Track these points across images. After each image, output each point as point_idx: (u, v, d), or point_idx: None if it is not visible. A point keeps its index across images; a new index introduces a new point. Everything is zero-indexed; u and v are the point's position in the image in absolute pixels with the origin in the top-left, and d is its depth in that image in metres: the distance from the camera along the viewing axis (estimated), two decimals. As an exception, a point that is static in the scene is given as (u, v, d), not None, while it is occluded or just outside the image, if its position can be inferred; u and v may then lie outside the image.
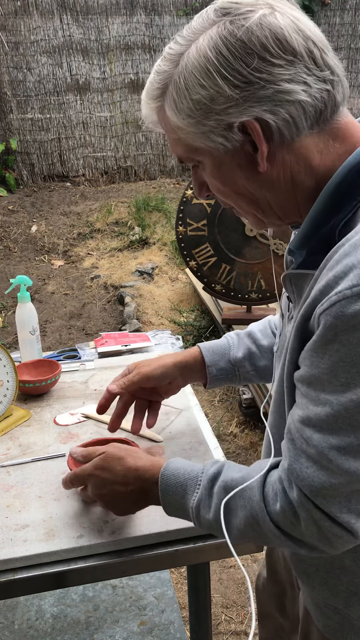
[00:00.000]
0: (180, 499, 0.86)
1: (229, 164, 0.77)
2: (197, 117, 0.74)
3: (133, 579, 1.97)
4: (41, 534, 0.98)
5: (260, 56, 0.69)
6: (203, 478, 0.84)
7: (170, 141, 0.82)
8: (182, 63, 0.75)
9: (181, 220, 3.37)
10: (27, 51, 6.17)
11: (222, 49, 0.70)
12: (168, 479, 0.87)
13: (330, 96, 0.72)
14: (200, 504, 0.83)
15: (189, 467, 0.87)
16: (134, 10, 6.30)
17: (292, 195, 0.77)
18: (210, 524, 0.83)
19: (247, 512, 0.79)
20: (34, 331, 1.52)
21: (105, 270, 4.87)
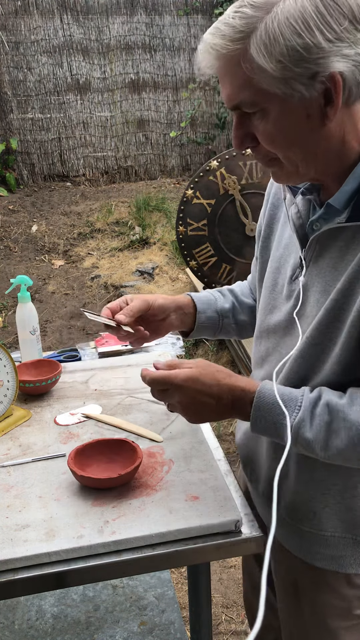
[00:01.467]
0: (276, 417, 0.90)
1: (298, 113, 0.83)
2: (287, 62, 0.79)
3: (133, 579, 1.97)
4: (41, 534, 0.98)
5: (350, 20, 0.78)
6: (304, 400, 0.90)
7: (235, 85, 0.84)
8: (275, 10, 0.79)
9: (181, 220, 3.37)
10: (28, 51, 6.17)
11: (319, 5, 0.78)
12: (265, 396, 0.91)
13: None
14: (301, 423, 0.88)
15: (285, 389, 0.93)
16: (134, 10, 6.29)
17: (338, 154, 0.86)
18: (308, 443, 0.89)
19: (352, 432, 0.86)
20: (34, 331, 1.52)
21: (105, 270, 4.87)
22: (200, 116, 6.75)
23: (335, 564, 1.03)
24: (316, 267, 0.94)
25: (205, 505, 1.03)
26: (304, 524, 1.04)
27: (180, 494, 1.06)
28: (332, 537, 1.02)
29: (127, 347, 1.68)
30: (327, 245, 0.92)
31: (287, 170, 0.90)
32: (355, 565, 1.02)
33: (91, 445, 1.15)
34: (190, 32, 6.45)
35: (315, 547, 1.04)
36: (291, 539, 1.07)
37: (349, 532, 1.01)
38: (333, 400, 0.88)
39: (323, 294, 0.92)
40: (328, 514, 1.01)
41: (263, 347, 1.10)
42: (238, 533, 1.00)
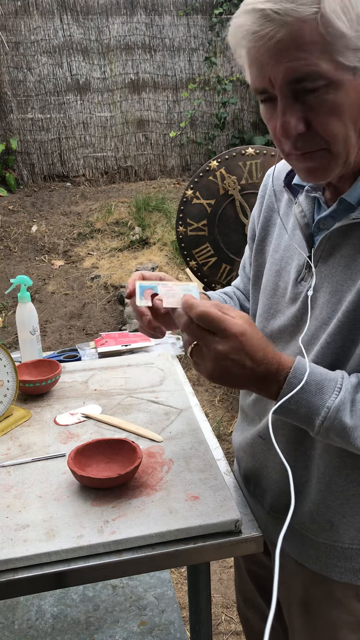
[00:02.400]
0: (313, 397, 0.81)
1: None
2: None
3: (133, 579, 1.97)
4: (41, 534, 0.98)
5: None
6: (344, 382, 0.82)
7: (302, 55, 0.74)
8: None
9: (181, 220, 3.37)
10: (28, 51, 6.17)
11: None
12: (301, 373, 0.82)
13: None
14: (340, 406, 0.80)
15: (323, 369, 0.84)
16: (134, 10, 6.29)
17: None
18: (345, 430, 0.81)
19: None
20: (34, 331, 1.52)
21: (105, 270, 4.87)
22: (200, 116, 6.75)
23: (354, 577, 0.99)
24: (326, 266, 0.90)
25: (205, 505, 1.03)
26: (319, 535, 1.00)
27: (180, 494, 1.06)
28: (349, 548, 0.98)
29: (127, 347, 1.68)
30: (338, 244, 0.88)
31: (335, 160, 0.82)
32: None
33: (91, 445, 1.15)
34: (190, 32, 6.45)
35: (332, 559, 1.00)
36: (304, 551, 1.03)
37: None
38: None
39: (334, 295, 0.88)
40: (346, 525, 0.97)
41: None
42: (238, 533, 1.00)
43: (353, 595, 1.01)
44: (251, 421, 1.13)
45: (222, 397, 3.23)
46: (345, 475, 0.94)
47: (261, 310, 1.07)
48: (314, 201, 0.96)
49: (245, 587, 1.34)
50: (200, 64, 6.58)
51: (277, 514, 1.08)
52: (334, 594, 1.02)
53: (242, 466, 1.18)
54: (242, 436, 1.17)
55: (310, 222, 0.95)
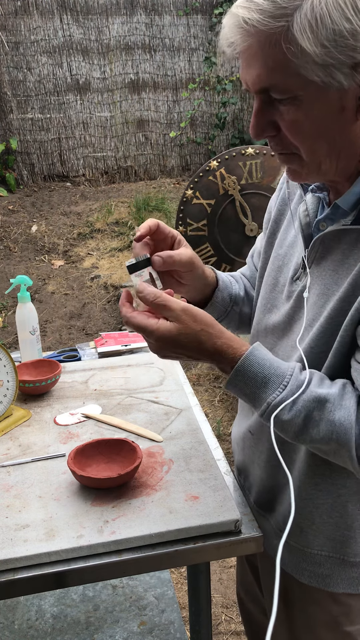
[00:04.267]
0: (257, 389, 0.86)
1: (332, 103, 0.77)
2: (330, 47, 0.72)
3: (133, 579, 1.97)
4: (41, 534, 0.98)
5: None
6: (292, 380, 0.85)
7: (266, 66, 0.76)
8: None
9: (181, 220, 3.37)
10: (27, 51, 6.16)
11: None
12: (251, 365, 0.87)
13: None
14: (280, 404, 0.84)
15: (275, 362, 0.88)
16: (134, 10, 6.29)
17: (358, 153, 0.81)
18: (282, 425, 0.85)
19: (332, 428, 0.82)
20: (34, 331, 1.52)
21: (105, 270, 4.87)
22: (200, 116, 6.75)
23: (322, 583, 1.01)
24: (318, 268, 0.92)
25: (205, 505, 1.03)
26: (291, 538, 1.02)
27: (180, 494, 1.06)
28: (318, 555, 1.00)
29: (127, 347, 1.68)
30: (330, 247, 0.89)
31: (307, 166, 0.84)
32: (342, 585, 1.00)
33: (91, 445, 1.15)
34: (190, 32, 6.45)
35: (302, 563, 1.02)
36: (282, 553, 1.03)
37: (336, 551, 0.99)
38: (322, 391, 0.84)
39: (320, 297, 0.90)
40: (315, 532, 0.99)
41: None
42: (238, 533, 1.00)
43: (330, 598, 1.01)
44: (245, 415, 1.15)
45: (222, 397, 3.22)
46: (315, 484, 0.95)
47: (260, 304, 1.08)
48: (319, 201, 0.96)
49: (246, 579, 1.35)
50: (200, 64, 6.58)
51: (260, 510, 1.10)
52: (311, 594, 1.03)
53: (235, 458, 1.21)
54: (237, 429, 1.19)
55: (312, 221, 0.95)
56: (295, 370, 0.87)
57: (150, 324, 0.88)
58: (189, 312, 0.88)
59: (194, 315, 0.88)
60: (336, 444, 0.83)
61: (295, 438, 0.87)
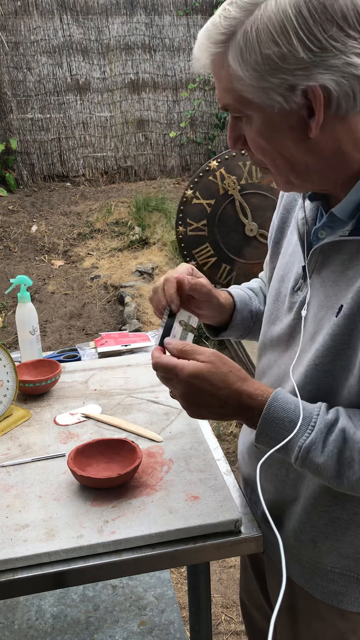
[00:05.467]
0: (287, 434, 0.83)
1: (279, 123, 0.77)
2: (262, 72, 0.73)
3: (133, 579, 1.97)
4: (41, 534, 0.98)
5: (338, 25, 0.69)
6: (319, 421, 0.82)
7: (220, 87, 0.80)
8: (257, 13, 0.73)
9: (181, 220, 3.37)
10: (27, 51, 6.16)
11: (303, 9, 0.70)
12: (276, 410, 0.84)
13: None
14: (312, 446, 0.81)
15: (300, 403, 0.84)
16: (134, 10, 6.29)
17: (334, 164, 0.79)
18: (317, 467, 0.82)
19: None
20: (34, 331, 1.52)
21: (105, 270, 4.87)
22: (200, 116, 6.75)
23: (335, 600, 0.97)
24: (319, 279, 0.88)
25: (205, 505, 1.03)
26: (304, 553, 0.99)
27: (180, 494, 1.06)
28: (332, 571, 0.96)
29: (127, 347, 1.68)
30: (330, 257, 0.86)
31: (278, 180, 0.85)
32: (356, 604, 0.96)
33: (91, 445, 1.15)
34: (190, 32, 6.45)
35: (315, 578, 0.99)
36: (292, 565, 1.01)
37: (351, 569, 0.95)
38: (351, 429, 0.81)
39: (321, 309, 0.87)
40: (328, 548, 0.95)
41: (265, 359, 1.04)
42: (238, 533, 1.00)
43: (337, 614, 0.99)
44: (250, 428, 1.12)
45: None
46: (332, 496, 0.92)
47: (265, 315, 1.05)
48: (318, 208, 0.93)
49: (250, 587, 1.33)
50: (200, 64, 6.57)
51: (267, 524, 1.06)
52: (319, 610, 1.00)
53: (242, 470, 1.18)
54: (243, 441, 1.16)
55: (312, 229, 0.92)
56: (321, 409, 0.84)
57: (179, 362, 0.87)
58: (218, 355, 0.89)
59: (222, 358, 0.88)
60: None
61: (334, 482, 0.83)
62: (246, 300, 1.18)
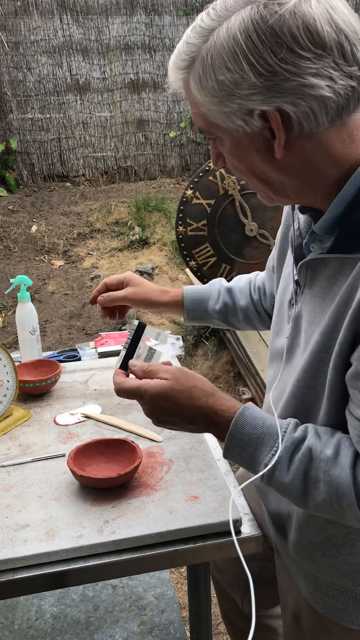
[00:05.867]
0: (253, 451, 0.82)
1: (246, 145, 0.77)
2: (220, 97, 0.74)
3: (133, 579, 1.97)
4: (41, 534, 0.98)
5: (288, 47, 0.68)
6: (286, 439, 0.81)
7: (192, 112, 0.81)
8: (211, 40, 0.73)
9: (181, 220, 3.37)
10: (27, 51, 6.16)
11: (252, 34, 0.69)
12: (242, 427, 0.83)
13: (355, 92, 0.71)
14: (277, 464, 0.81)
15: (267, 420, 0.84)
16: (134, 10, 6.29)
17: (309, 180, 0.78)
18: (283, 486, 0.82)
19: (332, 488, 0.78)
20: (34, 331, 1.52)
21: (105, 270, 4.86)
22: (200, 116, 6.74)
23: (336, 616, 0.96)
24: (309, 293, 0.87)
25: (204, 505, 1.03)
26: (305, 566, 0.98)
27: (180, 494, 1.06)
28: (331, 587, 0.96)
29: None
30: (318, 272, 0.84)
31: (259, 194, 0.85)
32: (356, 621, 0.95)
33: (91, 445, 1.15)
34: (190, 32, 6.45)
35: (317, 592, 0.98)
36: (298, 575, 1.01)
37: (349, 586, 0.94)
38: (317, 447, 0.80)
39: (310, 326, 0.86)
40: (326, 564, 0.95)
41: (272, 371, 1.04)
42: (238, 533, 1.00)
43: (342, 630, 0.97)
44: None
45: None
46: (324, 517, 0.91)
47: (272, 326, 1.05)
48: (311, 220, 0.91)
49: (224, 604, 1.41)
50: (200, 64, 6.57)
51: (276, 530, 1.07)
52: (324, 624, 0.99)
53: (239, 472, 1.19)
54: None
55: (303, 243, 0.90)
56: (289, 427, 0.83)
57: (142, 383, 0.87)
58: (182, 371, 0.89)
59: (186, 373, 0.88)
60: (338, 506, 0.79)
61: (301, 503, 0.83)
62: (202, 300, 1.26)
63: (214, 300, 1.26)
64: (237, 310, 1.26)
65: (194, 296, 1.27)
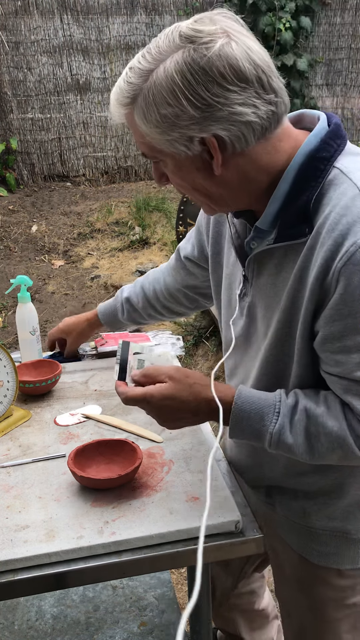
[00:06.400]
0: (256, 424, 0.94)
1: (188, 166, 0.88)
2: (163, 128, 0.85)
3: (133, 579, 1.97)
4: (41, 535, 0.98)
5: (218, 83, 0.80)
6: (282, 406, 0.94)
7: (136, 139, 0.92)
8: (150, 80, 0.84)
9: (181, 220, 3.37)
10: (28, 51, 6.16)
11: (187, 74, 0.81)
12: (243, 405, 0.95)
13: (274, 115, 0.85)
14: (281, 430, 0.93)
15: (262, 395, 0.96)
16: (134, 10, 6.29)
17: (244, 189, 0.91)
18: (289, 447, 0.94)
19: (332, 437, 0.90)
20: (34, 331, 1.52)
21: (105, 270, 4.86)
22: (200, 116, 6.74)
23: (330, 561, 1.09)
24: (258, 284, 0.99)
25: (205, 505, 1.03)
26: (297, 520, 1.10)
27: (180, 495, 1.06)
28: (323, 534, 1.07)
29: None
30: (264, 264, 0.96)
31: (202, 207, 0.97)
32: (347, 561, 1.08)
33: (91, 446, 1.15)
34: (190, 32, 6.44)
35: (310, 543, 1.10)
36: (290, 534, 1.13)
37: (339, 530, 1.06)
38: (311, 406, 0.92)
39: (268, 310, 0.97)
40: (317, 512, 1.07)
41: (231, 360, 1.14)
42: (238, 534, 1.00)
43: (336, 574, 1.09)
44: None
45: (222, 397, 3.22)
46: (311, 467, 1.02)
47: (222, 320, 1.16)
48: (245, 223, 1.02)
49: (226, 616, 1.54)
50: (201, 63, 6.56)
51: (260, 500, 1.17)
52: (319, 574, 1.11)
53: (228, 454, 1.24)
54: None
55: (243, 242, 1.01)
56: (282, 396, 0.95)
57: (147, 389, 0.95)
58: (181, 370, 0.97)
59: (183, 372, 0.97)
60: (341, 451, 0.92)
61: (307, 457, 0.94)
62: (113, 314, 1.51)
63: (120, 312, 1.49)
64: (141, 314, 1.47)
65: (105, 311, 1.52)
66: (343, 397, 0.91)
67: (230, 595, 1.49)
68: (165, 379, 0.96)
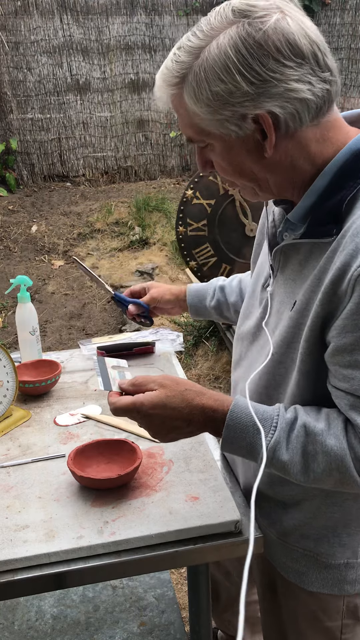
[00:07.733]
0: (251, 438, 0.88)
1: (238, 148, 0.86)
2: (215, 106, 0.82)
3: (133, 579, 1.97)
4: (41, 535, 0.98)
5: (274, 58, 0.78)
6: (279, 420, 0.88)
7: (182, 123, 0.89)
8: (202, 56, 0.81)
9: (181, 220, 3.37)
10: (27, 51, 6.16)
11: (242, 49, 0.78)
12: (238, 417, 0.89)
13: (329, 94, 0.83)
14: (276, 446, 0.87)
15: (260, 407, 0.90)
16: (134, 10, 6.29)
17: (289, 176, 0.89)
18: (284, 465, 0.88)
19: (329, 457, 0.85)
20: (34, 331, 1.52)
21: (105, 271, 4.86)
22: (200, 116, 6.74)
23: (299, 580, 1.05)
24: (282, 277, 0.97)
25: (205, 505, 1.03)
26: (272, 530, 1.06)
27: (180, 495, 1.06)
28: (295, 550, 1.04)
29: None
30: (289, 257, 0.94)
31: (245, 192, 0.95)
32: (316, 584, 1.03)
33: (91, 446, 1.15)
34: (190, 32, 6.44)
35: (282, 558, 1.06)
36: (267, 545, 1.09)
37: (310, 549, 1.02)
38: (311, 423, 0.87)
39: (282, 305, 0.95)
40: (292, 527, 1.03)
41: (237, 351, 1.12)
42: (238, 534, 1.00)
43: (307, 593, 1.06)
44: None
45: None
46: (288, 482, 0.96)
47: (242, 310, 1.14)
48: (284, 212, 1.00)
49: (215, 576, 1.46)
50: (200, 64, 6.56)
51: (248, 506, 1.13)
52: (292, 588, 1.07)
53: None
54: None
55: (276, 232, 1.00)
56: (280, 410, 0.90)
57: (136, 397, 0.91)
58: (170, 377, 0.94)
59: (173, 379, 0.93)
60: (338, 474, 0.86)
61: (302, 477, 0.88)
62: (202, 297, 1.43)
63: (210, 297, 1.42)
64: (229, 306, 1.39)
65: (195, 293, 1.43)
66: (347, 414, 0.86)
67: (235, 603, 1.48)
68: (155, 386, 0.91)
